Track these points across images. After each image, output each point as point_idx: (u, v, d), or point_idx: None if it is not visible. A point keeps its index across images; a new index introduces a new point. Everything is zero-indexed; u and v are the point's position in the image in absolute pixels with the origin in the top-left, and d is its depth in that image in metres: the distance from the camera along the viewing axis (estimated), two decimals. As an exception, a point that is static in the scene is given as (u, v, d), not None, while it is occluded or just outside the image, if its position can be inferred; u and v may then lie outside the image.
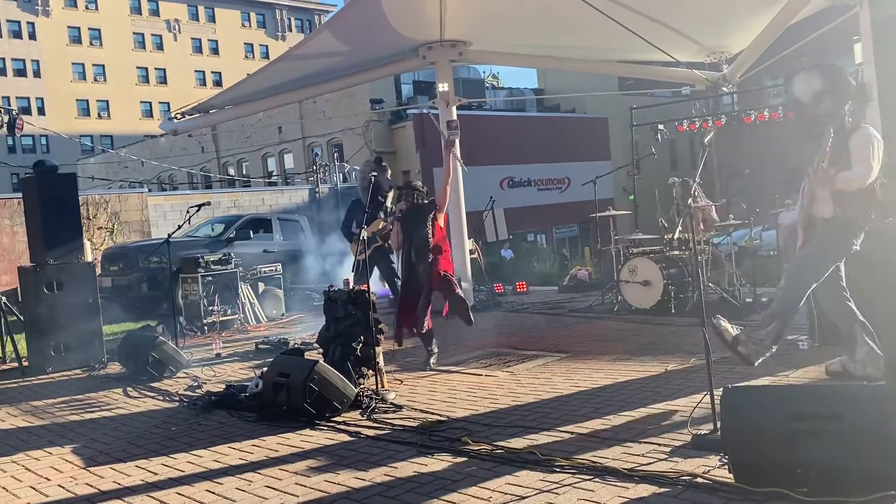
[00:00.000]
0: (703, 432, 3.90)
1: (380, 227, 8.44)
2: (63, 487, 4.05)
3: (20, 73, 56.40)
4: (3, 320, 8.26)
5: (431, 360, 6.63)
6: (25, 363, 7.86)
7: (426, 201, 6.72)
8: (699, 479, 3.36)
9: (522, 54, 10.78)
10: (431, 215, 6.65)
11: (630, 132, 14.13)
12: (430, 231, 6.60)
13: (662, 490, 3.33)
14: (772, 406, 3.21)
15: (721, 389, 3.46)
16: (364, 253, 7.57)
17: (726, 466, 3.28)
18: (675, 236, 8.45)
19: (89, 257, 8.52)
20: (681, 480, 3.38)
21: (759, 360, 4.55)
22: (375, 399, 5.29)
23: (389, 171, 8.89)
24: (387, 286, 9.19)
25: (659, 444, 3.92)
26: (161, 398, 6.18)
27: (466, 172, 9.29)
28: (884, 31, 6.74)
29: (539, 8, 8.47)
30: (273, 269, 11.29)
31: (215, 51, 64.41)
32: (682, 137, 18.06)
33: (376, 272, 8.89)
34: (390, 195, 8.51)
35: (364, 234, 5.85)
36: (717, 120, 11.28)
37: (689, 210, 4.16)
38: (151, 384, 6.72)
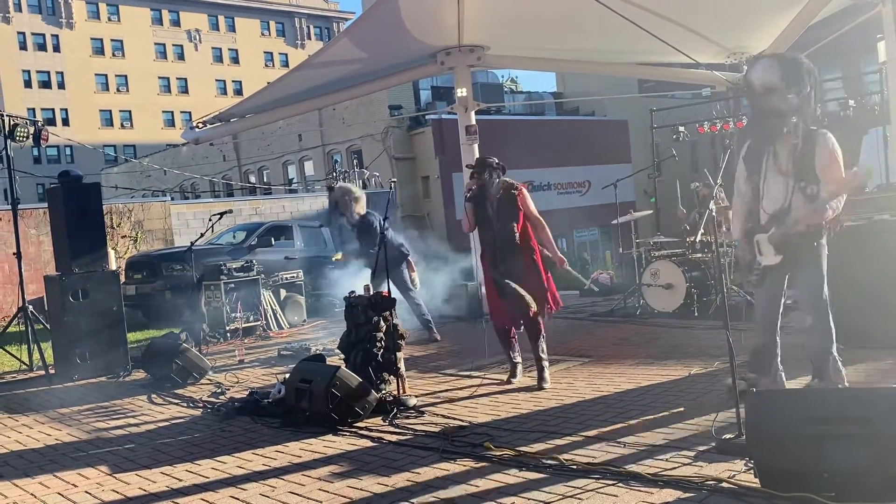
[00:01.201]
0: (727, 436, 3.86)
1: None
2: (90, 494, 4.09)
3: (45, 84, 57.27)
4: (30, 328, 8.38)
5: (544, 381, 5.78)
6: (52, 371, 7.95)
7: (501, 181, 5.96)
8: (724, 484, 3.33)
9: (541, 58, 10.76)
10: (514, 201, 5.89)
11: (651, 134, 14.06)
12: (515, 226, 5.86)
13: (687, 495, 3.30)
14: (797, 410, 3.17)
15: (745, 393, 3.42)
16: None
17: (752, 471, 3.25)
18: (698, 238, 8.39)
19: (113, 266, 8.62)
20: (706, 485, 3.35)
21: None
22: (397, 405, 5.29)
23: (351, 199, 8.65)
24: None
25: (683, 449, 3.89)
26: (185, 405, 6.23)
27: None
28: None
29: (557, 11, 8.45)
30: (294, 275, 11.36)
31: (236, 60, 64.99)
32: (704, 139, 17.94)
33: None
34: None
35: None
36: (738, 121, 11.19)
37: (711, 212, 4.10)
38: (175, 391, 6.77)
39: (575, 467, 3.75)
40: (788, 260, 4.29)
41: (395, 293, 6.99)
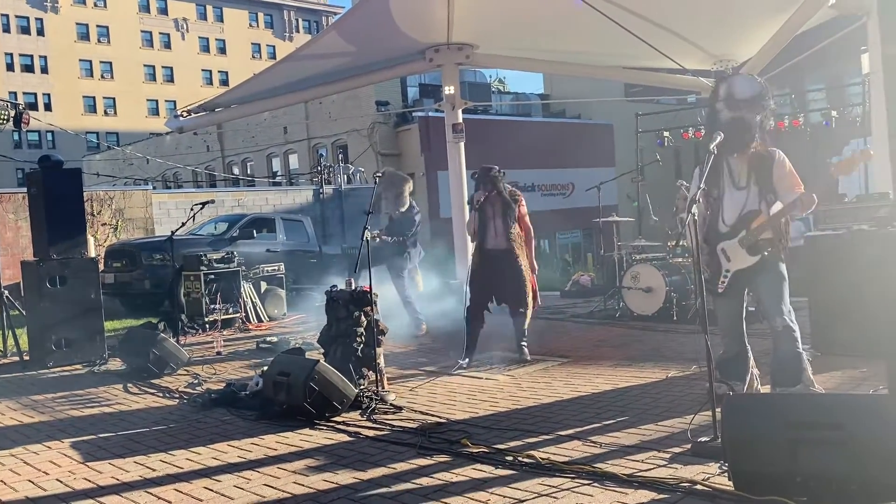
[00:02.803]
0: (703, 439, 3.89)
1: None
2: (61, 482, 4.04)
3: (28, 68, 56.59)
4: (5, 314, 8.27)
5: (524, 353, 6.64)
6: (26, 357, 7.87)
7: (505, 192, 6.73)
8: (699, 486, 3.35)
9: (529, 59, 10.79)
10: (514, 212, 6.72)
11: (635, 139, 14.12)
12: (513, 228, 6.71)
13: (661, 496, 3.31)
14: (773, 414, 3.19)
15: (722, 397, 3.45)
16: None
17: (726, 474, 3.27)
18: (678, 243, 8.44)
19: (92, 253, 8.53)
20: (680, 487, 3.37)
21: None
22: (375, 400, 5.28)
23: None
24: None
25: (659, 451, 3.91)
26: (161, 395, 6.18)
27: None
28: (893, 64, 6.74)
29: (546, 13, 8.47)
30: (276, 268, 11.30)
31: (223, 50, 64.57)
32: (688, 145, 18.05)
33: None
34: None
35: (367, 235, 5.81)
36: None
37: (694, 217, 4.12)
38: (152, 381, 6.71)
39: (551, 466, 3.76)
40: (755, 264, 4.42)
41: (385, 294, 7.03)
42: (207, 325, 9.67)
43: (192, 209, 9.71)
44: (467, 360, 6.56)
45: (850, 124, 12.51)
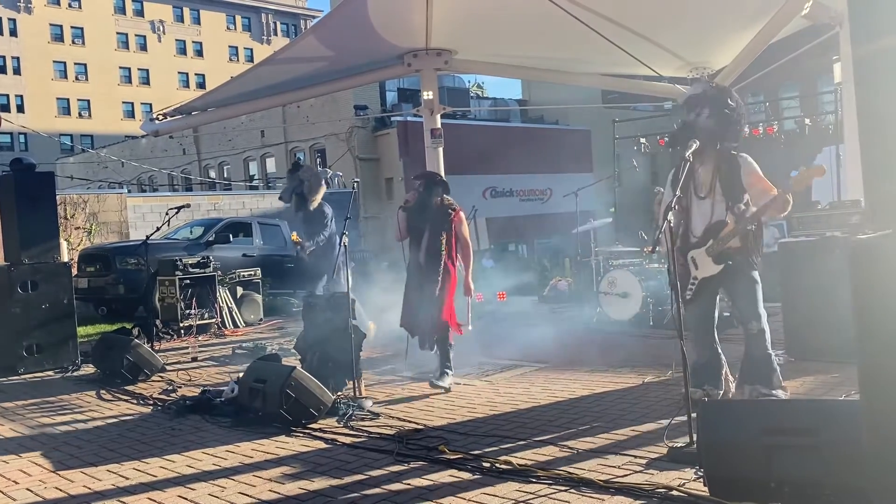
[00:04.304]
0: (679, 445, 3.91)
1: None
2: (31, 491, 3.97)
3: (0, 69, 55.74)
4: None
5: (444, 381, 5.94)
6: (-3, 364, 7.74)
7: (441, 199, 6.18)
8: (674, 492, 3.37)
9: (507, 65, 10.81)
10: (447, 224, 6.12)
11: (612, 145, 14.23)
12: (443, 240, 6.07)
13: (638, 502, 3.33)
14: (747, 420, 3.22)
15: (698, 402, 3.47)
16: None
17: (702, 480, 3.29)
18: (654, 249, 8.49)
19: (65, 257, 8.42)
20: (656, 493, 3.39)
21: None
22: (352, 406, 5.25)
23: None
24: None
25: (635, 456, 3.93)
26: (135, 402, 6.11)
27: None
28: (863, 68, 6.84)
29: (525, 20, 8.50)
30: (252, 273, 11.21)
31: (199, 53, 64.05)
32: (664, 151, 18.22)
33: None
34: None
35: (346, 239, 5.79)
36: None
37: (670, 223, 4.16)
38: (125, 387, 6.63)
39: (528, 472, 3.76)
40: (724, 272, 4.52)
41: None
42: (182, 331, 9.58)
43: (167, 213, 9.61)
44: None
45: (822, 132, 12.70)
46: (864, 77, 2.44)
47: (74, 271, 11.06)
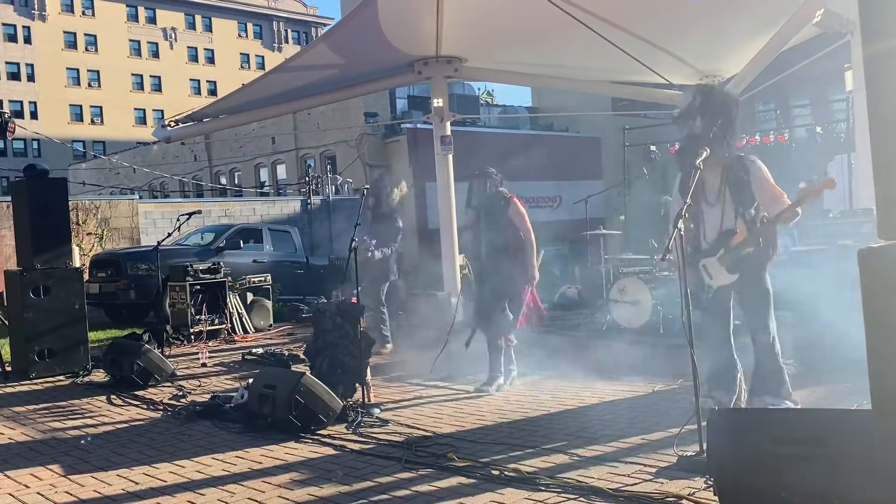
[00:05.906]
0: (689, 454, 3.89)
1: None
2: (42, 495, 3.99)
3: (14, 76, 56.25)
4: (-13, 324, 8.19)
5: (493, 386, 6.01)
6: (8, 368, 7.78)
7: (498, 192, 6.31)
8: (684, 501, 3.35)
9: (517, 72, 10.84)
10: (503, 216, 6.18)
11: (622, 152, 14.21)
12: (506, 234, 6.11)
13: (647, 511, 3.32)
14: (758, 429, 3.21)
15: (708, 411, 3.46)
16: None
17: (711, 489, 3.28)
18: (665, 257, 8.46)
19: (77, 263, 8.47)
20: (666, 502, 3.37)
21: None
22: (361, 413, 5.26)
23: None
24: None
25: (645, 465, 3.91)
26: (145, 407, 6.13)
27: None
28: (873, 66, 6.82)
29: (535, 28, 8.52)
30: (262, 279, 11.25)
31: (211, 60, 64.43)
32: (674, 159, 18.18)
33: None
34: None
35: (354, 244, 5.81)
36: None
37: (680, 231, 4.15)
38: (135, 392, 6.66)
39: (537, 480, 3.76)
40: (737, 281, 4.52)
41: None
42: (193, 337, 9.61)
43: (178, 219, 9.66)
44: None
45: (834, 140, 12.65)
46: (875, 75, 2.43)
47: (86, 277, 11.13)
